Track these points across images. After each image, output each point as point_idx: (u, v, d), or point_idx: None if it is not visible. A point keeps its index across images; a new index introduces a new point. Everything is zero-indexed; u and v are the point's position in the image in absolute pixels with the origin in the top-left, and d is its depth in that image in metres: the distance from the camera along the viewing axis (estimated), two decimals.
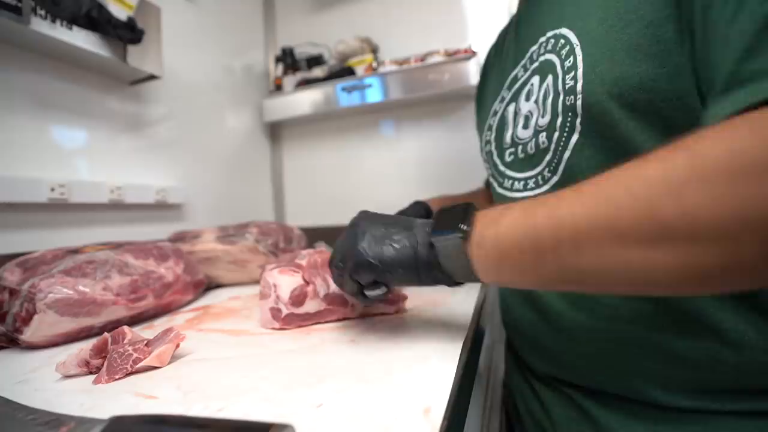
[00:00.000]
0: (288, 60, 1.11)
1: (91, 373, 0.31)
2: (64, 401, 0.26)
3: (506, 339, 0.53)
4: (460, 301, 0.45)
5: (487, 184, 0.69)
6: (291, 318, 0.39)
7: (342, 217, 1.17)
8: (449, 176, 1.01)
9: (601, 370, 0.36)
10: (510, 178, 0.43)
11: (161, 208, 0.81)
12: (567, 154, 0.35)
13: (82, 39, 0.58)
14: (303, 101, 1.06)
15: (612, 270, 0.22)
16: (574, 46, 0.34)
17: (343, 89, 1.01)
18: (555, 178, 0.37)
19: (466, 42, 0.96)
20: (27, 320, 0.36)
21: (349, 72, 1.02)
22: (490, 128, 0.48)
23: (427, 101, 1.01)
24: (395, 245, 0.29)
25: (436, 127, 1.03)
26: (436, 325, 0.37)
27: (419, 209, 0.57)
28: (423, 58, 0.94)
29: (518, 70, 0.44)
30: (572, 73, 0.34)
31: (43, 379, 0.30)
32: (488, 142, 0.48)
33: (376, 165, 1.11)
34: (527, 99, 0.41)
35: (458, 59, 0.89)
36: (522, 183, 0.41)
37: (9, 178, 0.55)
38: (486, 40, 0.97)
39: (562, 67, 0.35)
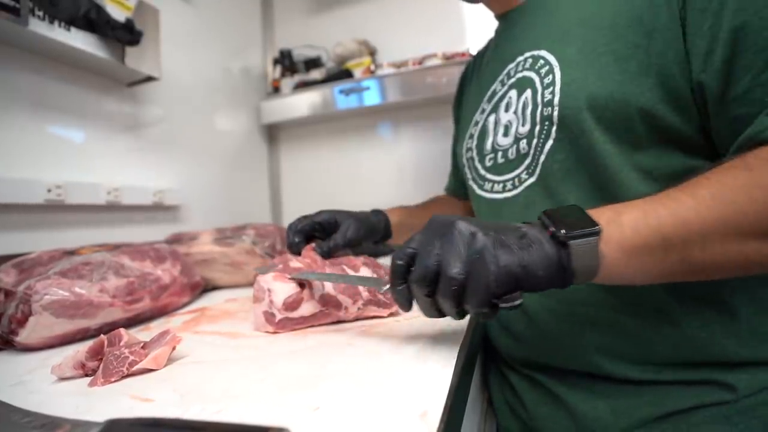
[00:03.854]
0: (286, 62, 1.11)
1: (86, 375, 0.31)
2: (59, 404, 0.26)
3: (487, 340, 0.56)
4: None
5: (451, 192, 0.72)
6: (285, 322, 0.39)
7: None
8: (444, 177, 1.02)
9: (564, 348, 0.41)
10: (490, 181, 0.47)
11: (158, 210, 0.81)
12: (542, 157, 0.40)
13: (80, 40, 0.58)
14: (301, 103, 1.06)
15: (731, 261, 0.27)
16: (554, 66, 0.39)
17: (341, 92, 1.01)
18: (531, 180, 0.42)
19: (463, 45, 0.96)
20: (23, 322, 0.36)
21: (346, 74, 1.02)
22: (471, 137, 0.52)
23: (425, 104, 1.01)
24: (529, 247, 0.27)
25: (433, 130, 1.04)
26: (432, 328, 0.37)
27: (378, 217, 0.56)
28: (421, 61, 0.95)
29: (496, 85, 0.49)
30: (551, 89, 0.39)
31: (39, 382, 0.30)
32: (469, 149, 0.52)
33: (373, 167, 1.11)
34: (506, 110, 0.45)
35: (456, 62, 0.90)
36: (501, 185, 0.46)
37: (5, 179, 0.55)
38: (483, 43, 0.98)
39: (541, 83, 0.40)
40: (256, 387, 0.26)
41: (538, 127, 0.40)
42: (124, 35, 0.62)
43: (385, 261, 0.64)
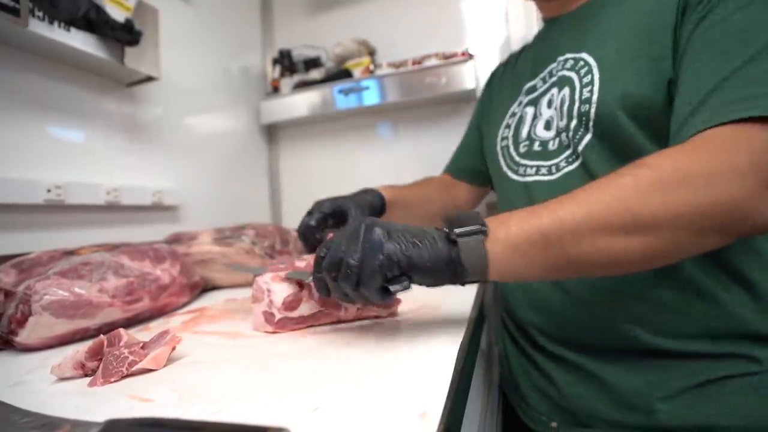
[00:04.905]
0: (285, 62, 1.11)
1: (86, 375, 0.31)
2: (59, 404, 0.26)
3: (503, 325, 0.59)
4: (454, 305, 0.45)
5: (455, 172, 0.73)
6: (284, 322, 0.39)
7: None
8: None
9: (601, 322, 0.43)
10: (524, 166, 0.51)
11: (158, 210, 0.81)
12: (581, 148, 0.44)
13: (79, 41, 0.58)
14: (300, 103, 1.06)
15: (603, 256, 0.31)
16: (593, 67, 0.43)
17: (340, 91, 1.01)
18: (570, 167, 0.45)
19: (462, 45, 0.97)
20: (22, 322, 0.36)
21: (346, 74, 1.02)
22: (508, 126, 0.56)
23: (424, 104, 1.01)
24: (419, 242, 0.31)
25: (432, 130, 1.04)
26: (431, 329, 0.37)
27: (371, 196, 0.59)
28: (420, 61, 0.95)
29: (537, 81, 0.54)
30: (589, 87, 0.43)
31: (38, 382, 0.30)
32: (505, 138, 0.56)
33: (372, 167, 1.11)
34: (549, 106, 0.49)
35: (455, 62, 0.90)
36: (534, 169, 0.49)
37: (5, 179, 0.55)
38: (483, 43, 0.98)
39: (580, 82, 0.44)
40: (255, 387, 0.26)
41: (575, 122, 0.44)
42: (124, 35, 0.62)
43: None
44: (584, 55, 0.45)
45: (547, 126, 0.49)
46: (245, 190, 1.11)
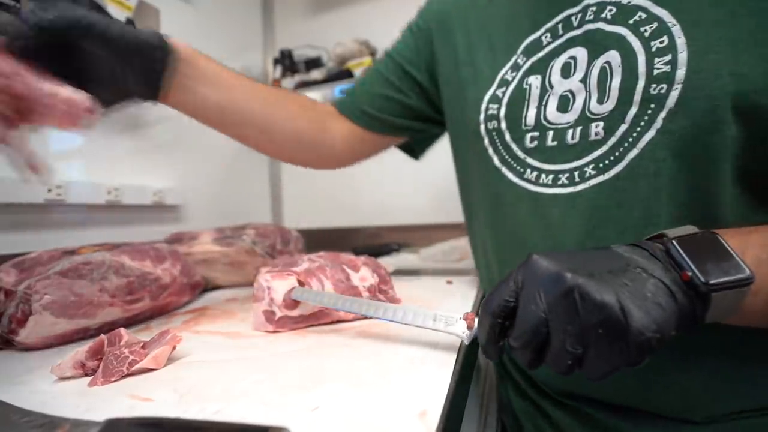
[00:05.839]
0: (286, 62, 1.12)
1: (86, 375, 0.31)
2: (59, 403, 0.26)
3: (500, 363, 0.50)
4: (454, 304, 0.45)
5: (348, 110, 0.54)
6: (284, 321, 0.39)
7: (339, 219, 1.17)
8: (444, 177, 1.02)
9: (653, 388, 0.33)
10: (534, 168, 0.36)
11: (159, 210, 0.81)
12: (634, 152, 0.30)
13: None
14: None
15: None
16: (669, 26, 0.29)
17: (342, 92, 1.01)
18: (601, 178, 0.31)
19: None
20: (23, 321, 0.36)
21: (347, 75, 1.02)
22: (497, 100, 0.40)
23: None
24: (659, 300, 0.20)
25: None
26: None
27: (149, 34, 0.34)
28: None
29: (542, 34, 0.37)
30: (667, 57, 0.28)
31: (39, 381, 0.30)
32: (493, 116, 0.40)
33: (372, 167, 1.11)
34: (565, 75, 0.34)
35: None
36: (551, 177, 0.35)
37: (5, 178, 0.55)
38: None
39: (645, 46, 0.30)
40: (255, 387, 0.26)
41: (633, 110, 0.30)
42: None
43: (386, 260, 0.64)
44: (646, 4, 0.30)
45: (563, 105, 0.34)
46: (246, 190, 1.11)
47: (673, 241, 0.22)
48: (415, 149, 0.64)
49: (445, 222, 1.00)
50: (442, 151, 0.81)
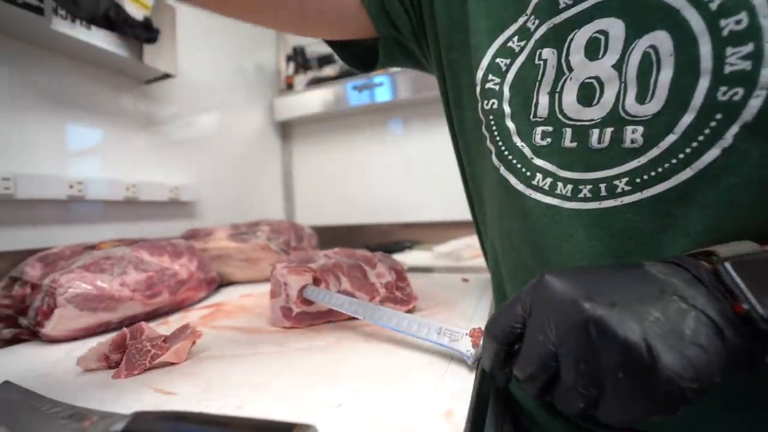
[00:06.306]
0: (299, 59, 1.12)
1: (110, 367, 0.31)
2: (85, 395, 0.26)
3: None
4: (472, 303, 0.45)
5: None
6: (301, 316, 0.39)
7: (351, 216, 1.17)
8: (455, 174, 1.01)
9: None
10: (546, 173, 0.28)
11: (174, 206, 0.82)
12: (686, 174, 0.23)
13: (100, 39, 0.59)
14: (314, 100, 1.07)
15: None
16: (753, 4, 0.21)
17: (354, 88, 1.01)
18: (637, 196, 0.25)
19: None
20: (48, 314, 0.37)
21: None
22: (497, 70, 0.30)
23: (435, 101, 1.00)
24: (700, 339, 0.16)
25: (442, 126, 1.03)
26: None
27: None
28: None
29: None
30: (747, 47, 0.20)
31: (64, 373, 0.31)
32: (491, 92, 0.30)
33: (384, 164, 1.11)
34: (592, 55, 0.26)
35: None
36: (570, 187, 0.27)
37: (32, 175, 0.56)
38: None
39: (713, 28, 0.21)
40: (275, 383, 0.26)
41: (688, 118, 0.23)
42: (142, 33, 0.63)
43: (398, 258, 0.63)
44: None
45: (586, 96, 0.26)
46: (259, 187, 1.12)
47: (726, 264, 0.18)
48: (369, 57, 0.47)
49: (457, 219, 1.00)
50: (452, 149, 0.80)
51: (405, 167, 1.09)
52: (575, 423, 0.32)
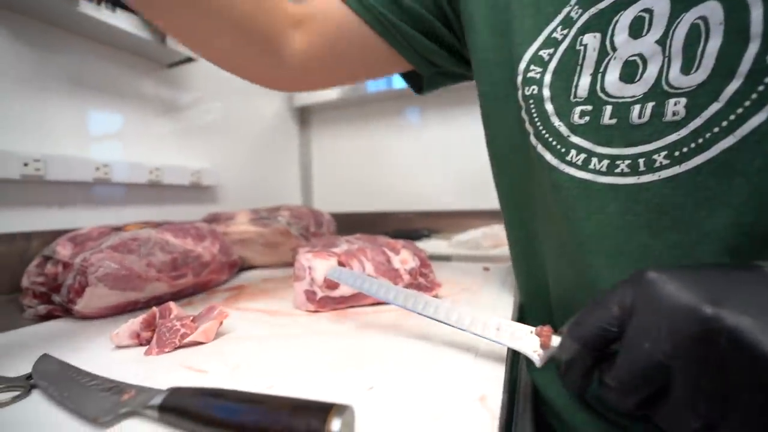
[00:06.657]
0: None
1: (141, 345, 0.32)
2: (121, 369, 0.27)
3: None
4: (495, 289, 0.44)
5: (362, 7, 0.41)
6: (326, 301, 0.39)
7: (368, 203, 1.17)
8: (472, 163, 1.00)
9: None
10: (582, 150, 0.29)
11: (196, 190, 0.83)
12: (728, 141, 0.23)
13: (124, 21, 0.59)
14: None
15: None
16: None
17: None
18: (675, 170, 0.24)
19: None
20: (80, 292, 0.38)
21: None
22: (540, 62, 0.31)
23: (453, 88, 0.98)
24: None
25: (459, 115, 1.02)
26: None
27: None
28: None
29: None
30: None
31: (98, 348, 0.32)
32: (534, 81, 0.32)
33: (400, 151, 1.10)
34: (636, 34, 0.27)
35: None
36: (606, 162, 0.27)
37: (60, 157, 0.58)
38: None
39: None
40: (304, 364, 0.27)
41: (735, 84, 0.22)
42: None
43: (424, 245, 0.62)
44: None
45: (629, 73, 0.27)
46: (277, 172, 1.12)
47: None
48: (421, 82, 0.50)
49: (475, 209, 0.98)
50: (473, 136, 0.79)
51: (422, 156, 1.08)
52: (605, 417, 0.30)
